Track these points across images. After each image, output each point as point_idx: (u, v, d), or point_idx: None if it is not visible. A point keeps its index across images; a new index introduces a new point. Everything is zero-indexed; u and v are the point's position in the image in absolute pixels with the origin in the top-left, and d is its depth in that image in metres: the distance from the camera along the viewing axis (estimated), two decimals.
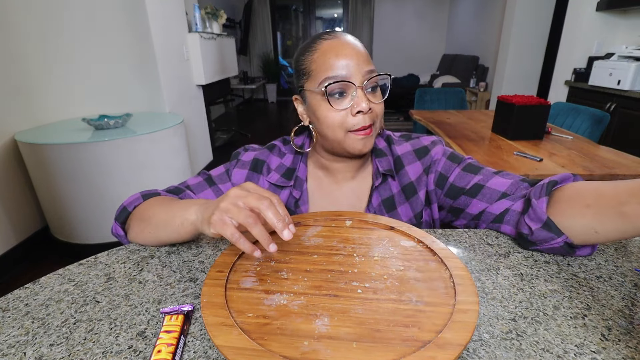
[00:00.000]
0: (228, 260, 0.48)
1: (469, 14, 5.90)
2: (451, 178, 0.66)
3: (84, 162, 1.78)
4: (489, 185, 0.62)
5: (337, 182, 0.72)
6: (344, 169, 0.70)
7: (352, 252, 0.50)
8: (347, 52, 0.58)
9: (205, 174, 0.72)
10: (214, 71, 3.25)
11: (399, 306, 0.40)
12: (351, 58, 0.58)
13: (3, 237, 1.84)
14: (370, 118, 0.60)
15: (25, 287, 0.51)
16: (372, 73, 0.59)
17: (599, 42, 2.92)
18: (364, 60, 0.59)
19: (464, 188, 0.64)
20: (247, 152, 0.73)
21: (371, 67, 0.60)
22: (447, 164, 0.67)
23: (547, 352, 0.38)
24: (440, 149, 0.69)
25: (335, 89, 0.59)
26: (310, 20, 7.16)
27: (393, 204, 0.69)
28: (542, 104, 1.62)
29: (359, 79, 0.58)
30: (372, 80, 0.59)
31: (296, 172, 0.71)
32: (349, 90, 0.59)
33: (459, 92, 2.91)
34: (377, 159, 0.70)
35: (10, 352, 0.39)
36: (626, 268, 0.52)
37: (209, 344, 0.40)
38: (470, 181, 0.64)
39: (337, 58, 0.58)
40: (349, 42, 0.60)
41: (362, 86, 0.58)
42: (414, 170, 0.69)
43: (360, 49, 0.60)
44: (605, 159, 1.41)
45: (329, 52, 0.59)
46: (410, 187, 0.69)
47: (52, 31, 2.12)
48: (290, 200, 0.70)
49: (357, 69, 0.58)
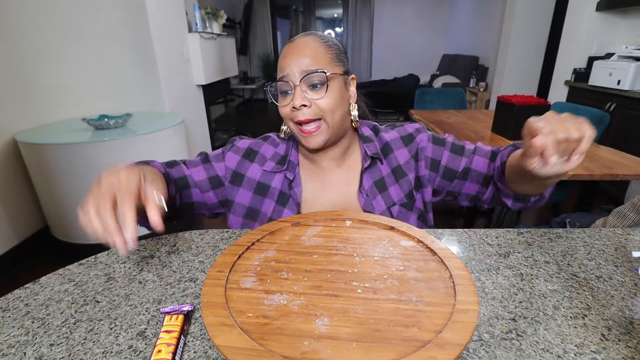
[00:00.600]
0: (228, 260, 0.48)
1: (469, 14, 5.89)
2: (443, 161, 0.73)
3: (84, 162, 1.78)
4: (474, 167, 0.72)
5: (323, 170, 0.75)
6: (326, 159, 0.74)
7: (352, 252, 0.50)
8: (290, 55, 0.65)
9: (203, 153, 0.77)
10: (214, 71, 3.25)
11: (399, 306, 0.40)
12: (291, 59, 0.64)
13: (3, 237, 1.84)
14: (310, 113, 0.64)
15: (25, 287, 0.51)
16: (308, 71, 0.63)
17: (599, 42, 2.92)
18: (306, 60, 0.63)
19: (457, 171, 0.72)
20: (242, 140, 0.79)
21: (312, 66, 0.63)
22: (435, 149, 0.74)
23: (547, 352, 0.38)
24: (424, 136, 0.75)
25: (278, 87, 0.66)
26: (310, 20, 7.15)
27: (384, 184, 0.73)
28: (542, 104, 1.62)
29: (296, 77, 0.63)
30: (308, 78, 0.63)
31: (289, 157, 0.75)
32: (291, 88, 0.65)
33: (459, 92, 2.91)
34: (364, 144, 0.74)
35: (10, 352, 0.39)
36: (626, 268, 0.52)
37: (209, 344, 0.40)
38: (460, 164, 0.72)
39: (283, 60, 0.65)
40: (295, 46, 0.66)
41: (298, 84, 0.63)
42: (402, 155, 0.75)
43: (306, 48, 0.65)
44: (605, 159, 1.41)
45: (281, 55, 0.67)
46: (399, 169, 0.74)
47: (52, 31, 2.12)
48: (285, 183, 0.73)
49: (296, 68, 0.63)
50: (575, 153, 0.45)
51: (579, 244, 0.59)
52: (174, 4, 2.61)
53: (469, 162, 0.72)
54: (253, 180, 0.74)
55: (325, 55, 0.65)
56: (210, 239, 0.62)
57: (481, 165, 0.71)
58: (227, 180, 0.75)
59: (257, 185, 0.74)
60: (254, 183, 0.74)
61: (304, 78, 0.63)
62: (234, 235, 0.64)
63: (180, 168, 0.72)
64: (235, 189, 0.74)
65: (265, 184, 0.74)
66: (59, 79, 2.20)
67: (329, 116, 0.65)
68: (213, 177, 0.74)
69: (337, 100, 0.66)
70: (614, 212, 0.95)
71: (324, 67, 0.64)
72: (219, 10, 3.35)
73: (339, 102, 0.66)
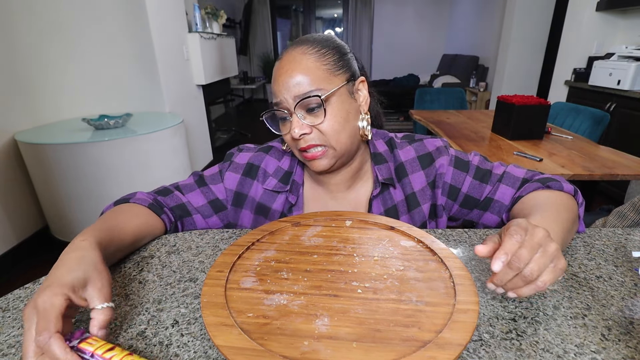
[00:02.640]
0: (228, 260, 0.48)
1: (469, 14, 5.90)
2: (464, 188, 0.66)
3: (84, 162, 1.78)
4: (497, 198, 0.64)
5: (331, 193, 0.69)
6: (335, 181, 0.67)
7: (352, 252, 0.50)
8: (280, 78, 0.57)
9: (196, 174, 0.70)
10: (214, 71, 3.25)
11: (399, 306, 0.40)
12: (282, 84, 0.57)
13: (3, 237, 1.84)
14: (312, 139, 0.58)
15: (25, 287, 0.51)
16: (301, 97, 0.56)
17: (599, 42, 2.92)
18: (297, 83, 0.56)
19: (478, 200, 0.65)
20: (241, 153, 0.71)
21: (304, 88, 0.56)
22: (455, 174, 0.66)
23: (547, 352, 0.38)
24: (445, 160, 0.66)
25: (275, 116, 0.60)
26: (310, 20, 7.15)
27: (396, 213, 0.66)
28: (542, 104, 1.62)
29: (290, 104, 0.57)
30: (303, 103, 0.56)
31: (293, 175, 0.68)
32: (286, 115, 0.58)
33: (459, 92, 2.91)
34: (376, 166, 0.66)
35: (10, 352, 0.39)
36: (626, 268, 0.52)
37: (209, 344, 0.40)
38: (483, 193, 0.65)
39: (275, 84, 0.58)
40: (284, 66, 0.57)
41: (293, 112, 0.57)
42: (417, 180, 0.67)
43: (296, 69, 0.56)
44: (605, 159, 1.41)
45: (273, 77, 0.60)
46: (413, 198, 0.66)
47: (52, 31, 2.12)
48: (286, 205, 0.68)
49: (287, 94, 0.57)
50: (514, 290, 0.38)
51: (579, 244, 0.59)
52: (174, 4, 2.62)
53: (492, 191, 0.64)
54: (254, 200, 0.68)
55: (318, 70, 0.56)
56: (210, 239, 0.62)
57: (506, 196, 0.63)
58: (229, 203, 0.69)
59: (258, 206, 0.68)
60: (255, 203, 0.68)
61: (298, 104, 0.56)
62: (234, 235, 0.64)
63: (176, 195, 0.66)
64: (238, 211, 0.69)
65: (266, 206, 0.68)
66: (59, 79, 2.20)
67: (333, 140, 0.58)
68: (213, 201, 0.68)
69: (340, 120, 0.58)
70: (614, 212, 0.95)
71: (318, 87, 0.55)
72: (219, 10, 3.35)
73: (344, 122, 0.58)
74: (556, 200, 0.56)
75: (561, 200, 0.57)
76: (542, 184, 0.60)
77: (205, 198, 0.68)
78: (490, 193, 0.64)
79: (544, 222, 0.48)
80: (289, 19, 7.43)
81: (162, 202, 0.65)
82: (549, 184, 0.60)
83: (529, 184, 0.61)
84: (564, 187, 0.59)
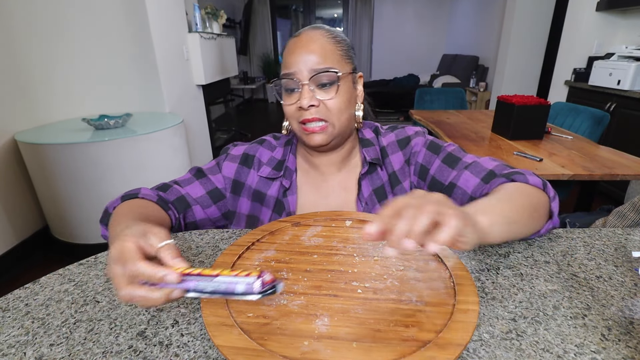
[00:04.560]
0: (228, 260, 0.48)
1: (469, 14, 5.90)
2: (432, 170, 0.67)
3: (84, 162, 1.78)
4: (460, 185, 0.63)
5: (323, 175, 0.72)
6: (327, 162, 0.71)
7: (352, 252, 0.50)
8: (298, 50, 0.61)
9: (194, 169, 0.73)
10: (214, 71, 3.25)
11: (399, 306, 0.40)
12: (300, 55, 0.60)
13: (3, 237, 1.84)
14: (316, 112, 0.61)
15: (25, 287, 0.51)
16: (318, 70, 0.60)
17: (599, 42, 2.92)
18: (315, 57, 0.60)
19: (443, 184, 0.65)
20: (236, 147, 0.75)
21: (322, 64, 0.60)
22: (427, 155, 0.68)
23: (547, 352, 0.38)
24: (420, 140, 0.70)
25: (284, 84, 0.63)
26: (310, 20, 7.15)
27: (384, 193, 0.69)
28: (542, 104, 1.62)
29: (304, 76, 0.60)
30: (317, 77, 0.60)
31: (286, 162, 0.72)
32: (298, 86, 0.61)
33: (459, 92, 2.91)
34: (364, 149, 0.70)
35: (10, 352, 0.39)
36: (626, 268, 0.52)
37: (209, 344, 0.40)
38: (448, 177, 0.65)
39: (290, 56, 0.62)
40: (304, 40, 0.61)
41: (306, 83, 0.60)
42: (397, 160, 0.71)
43: (313, 45, 0.60)
44: (605, 159, 1.41)
45: (287, 50, 0.63)
46: (394, 176, 0.70)
47: (52, 31, 2.12)
48: (280, 190, 0.71)
49: (303, 65, 0.60)
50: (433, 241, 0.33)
51: (579, 244, 0.59)
52: (174, 4, 2.61)
53: (456, 177, 0.64)
54: (251, 188, 0.72)
55: (335, 52, 0.61)
56: (210, 239, 0.62)
57: (470, 183, 0.62)
58: (228, 191, 0.72)
59: (254, 193, 0.72)
60: (252, 190, 0.72)
61: (313, 77, 0.60)
62: (234, 235, 0.64)
63: (175, 189, 0.68)
64: (236, 199, 0.72)
65: (261, 192, 0.72)
66: (59, 79, 2.20)
67: (335, 118, 0.62)
68: (212, 191, 0.71)
69: (346, 102, 0.62)
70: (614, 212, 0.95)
71: (334, 66, 0.60)
72: (219, 10, 3.35)
73: (347, 104, 0.63)
74: (512, 191, 0.53)
75: (518, 191, 0.53)
76: (507, 178, 0.58)
77: (204, 189, 0.71)
78: (454, 178, 0.64)
79: (478, 207, 0.45)
80: (289, 19, 7.43)
81: (164, 197, 0.66)
82: (513, 177, 0.57)
83: (496, 179, 0.59)
84: (529, 180, 0.56)
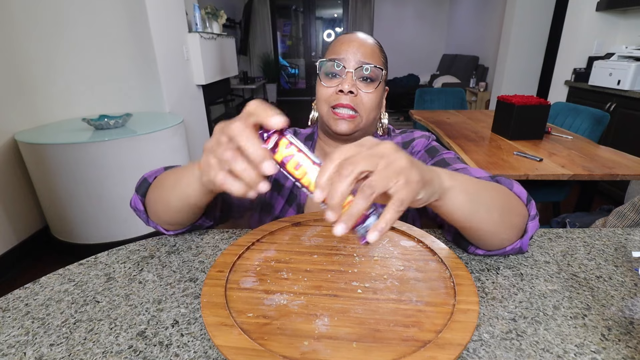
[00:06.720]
0: (228, 260, 0.48)
1: (469, 14, 5.89)
2: None
3: (84, 162, 1.78)
4: None
5: None
6: None
7: (352, 252, 0.50)
8: (350, 42, 0.65)
9: None
10: (214, 71, 3.25)
11: (399, 306, 0.40)
12: (351, 45, 0.64)
13: (3, 237, 1.84)
14: (351, 100, 0.64)
15: (25, 287, 0.51)
16: (366, 62, 0.63)
17: (599, 42, 2.92)
18: (365, 51, 0.64)
19: None
20: None
21: (370, 60, 0.64)
22: (422, 157, 0.70)
23: (547, 352, 0.38)
24: (422, 142, 0.72)
25: (328, 67, 0.65)
26: (310, 20, 7.15)
27: None
28: (542, 104, 1.62)
29: (351, 65, 0.64)
30: (362, 70, 0.63)
31: None
32: (342, 73, 0.65)
33: (459, 92, 2.91)
34: None
35: (10, 352, 0.39)
36: (626, 268, 0.52)
37: (209, 344, 0.40)
38: None
39: (341, 45, 0.66)
40: (356, 35, 0.67)
41: (352, 71, 0.63)
42: None
43: (365, 42, 0.65)
44: (605, 159, 1.41)
45: (338, 40, 0.67)
46: None
47: (52, 31, 2.12)
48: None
49: (353, 55, 0.64)
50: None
51: (579, 244, 0.59)
52: (174, 4, 2.61)
53: None
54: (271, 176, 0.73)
55: (380, 57, 0.67)
56: (210, 239, 0.62)
57: None
58: None
59: (274, 181, 0.74)
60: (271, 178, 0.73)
61: (359, 68, 0.63)
62: (234, 235, 0.64)
63: None
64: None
65: (279, 182, 0.74)
66: (59, 79, 2.20)
67: (365, 113, 0.65)
68: None
69: (378, 101, 0.67)
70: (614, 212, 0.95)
71: (378, 65, 0.64)
72: (219, 10, 3.35)
73: (378, 104, 0.68)
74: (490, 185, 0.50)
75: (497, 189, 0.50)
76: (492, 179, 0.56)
77: None
78: None
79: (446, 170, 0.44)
80: (289, 19, 7.43)
81: None
82: (498, 179, 0.56)
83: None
84: (514, 187, 0.54)
